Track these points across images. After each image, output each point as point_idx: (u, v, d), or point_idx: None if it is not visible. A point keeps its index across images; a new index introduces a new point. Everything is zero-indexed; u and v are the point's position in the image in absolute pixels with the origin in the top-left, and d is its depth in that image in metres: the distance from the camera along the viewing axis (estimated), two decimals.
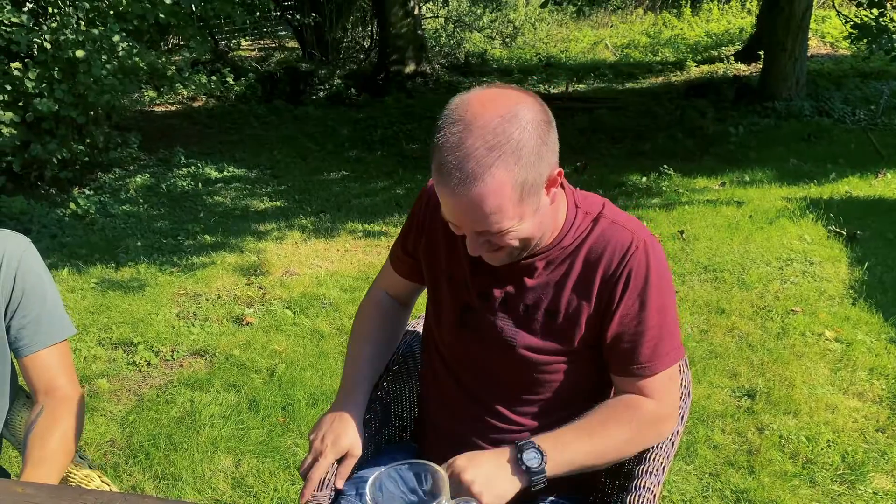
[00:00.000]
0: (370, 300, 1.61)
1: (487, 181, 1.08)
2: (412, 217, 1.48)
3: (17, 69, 5.47)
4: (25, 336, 1.49)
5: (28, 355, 1.50)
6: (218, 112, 9.61)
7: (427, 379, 1.54)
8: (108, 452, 2.67)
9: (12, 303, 1.47)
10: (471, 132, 1.08)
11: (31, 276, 1.50)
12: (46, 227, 5.31)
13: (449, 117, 1.11)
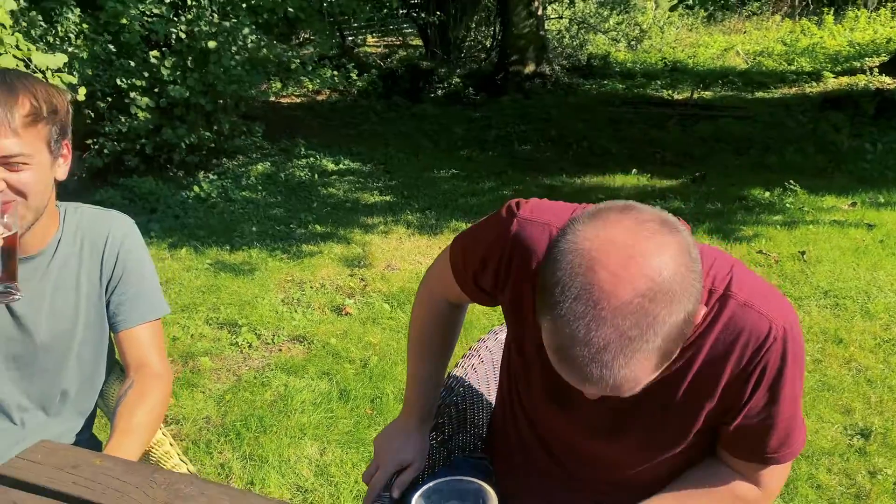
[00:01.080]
0: (430, 310, 1.47)
1: (626, 374, 0.88)
2: (489, 256, 1.21)
3: (155, 57, 5.82)
4: (122, 312, 1.56)
5: (123, 330, 1.56)
6: (340, 106, 9.88)
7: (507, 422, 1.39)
8: (203, 428, 2.78)
9: (113, 279, 1.55)
10: (603, 322, 0.85)
11: (132, 255, 1.57)
12: (171, 207, 5.62)
13: (569, 287, 0.87)
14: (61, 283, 1.49)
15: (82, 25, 5.17)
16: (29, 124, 1.30)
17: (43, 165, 1.34)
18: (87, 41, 5.22)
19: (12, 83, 1.31)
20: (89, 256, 1.52)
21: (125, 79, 5.70)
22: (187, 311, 3.76)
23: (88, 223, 1.54)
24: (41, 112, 1.32)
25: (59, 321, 1.50)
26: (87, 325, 1.54)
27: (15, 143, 1.28)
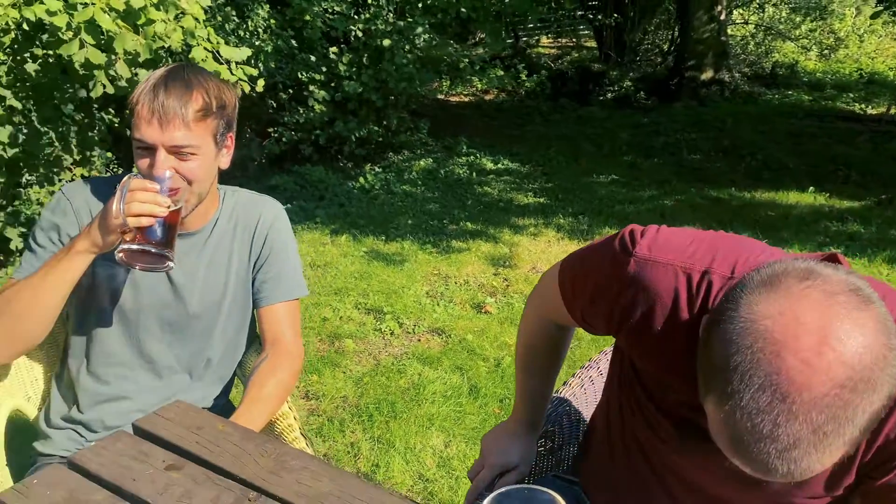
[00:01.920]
0: (537, 329, 1.41)
1: (815, 467, 0.78)
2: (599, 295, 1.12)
3: (333, 53, 6.16)
4: (265, 290, 1.68)
5: (264, 307, 1.69)
6: (506, 106, 9.95)
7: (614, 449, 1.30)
8: (339, 407, 2.93)
9: (260, 259, 1.68)
10: (794, 418, 0.75)
11: (279, 238, 1.69)
12: (337, 196, 5.93)
13: (751, 375, 0.77)
14: (215, 259, 1.63)
15: (270, 21, 5.58)
16: (199, 119, 1.43)
17: (208, 156, 1.48)
18: (272, 36, 5.62)
19: (189, 79, 1.44)
20: (241, 236, 1.66)
21: (305, 72, 6.08)
22: (339, 295, 3.96)
23: (243, 206, 1.68)
24: (211, 107, 1.45)
25: (209, 294, 1.64)
26: (234, 300, 1.68)
27: (186, 135, 1.41)
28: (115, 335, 1.60)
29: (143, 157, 1.44)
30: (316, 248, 4.73)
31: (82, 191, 1.56)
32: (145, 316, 1.60)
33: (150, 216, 1.33)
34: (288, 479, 1.15)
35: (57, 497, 1.11)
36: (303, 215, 5.43)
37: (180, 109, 1.40)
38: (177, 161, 1.43)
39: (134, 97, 1.42)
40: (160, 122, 1.40)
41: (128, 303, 1.57)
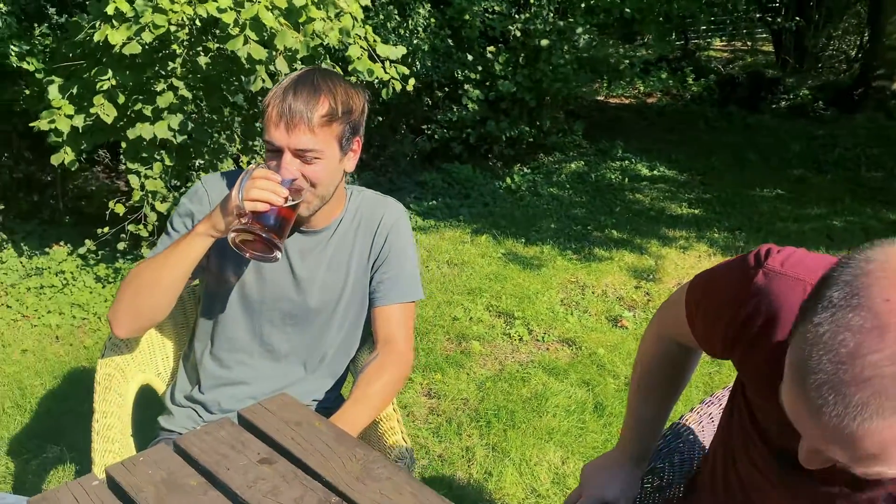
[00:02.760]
0: (658, 349, 1.35)
1: (885, 422, 0.69)
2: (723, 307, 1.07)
3: (491, 52, 6.17)
4: (381, 290, 1.70)
5: (379, 307, 1.70)
6: (669, 110, 9.56)
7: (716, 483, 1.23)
8: (459, 409, 2.92)
9: (379, 259, 1.69)
10: (880, 342, 0.68)
11: (399, 239, 1.70)
12: (483, 195, 5.94)
13: (847, 295, 0.71)
14: (336, 257, 1.67)
15: (430, 20, 5.67)
16: (324, 124, 1.46)
17: (332, 160, 1.51)
18: (430, 35, 5.70)
19: (317, 84, 1.48)
20: (363, 236, 1.69)
21: (461, 71, 6.13)
22: (472, 295, 3.96)
23: (367, 206, 1.71)
24: (336, 112, 1.48)
25: (328, 290, 1.68)
26: (351, 297, 1.71)
27: (310, 140, 1.45)
28: (238, 323, 1.67)
29: (271, 157, 1.49)
30: (455, 246, 4.76)
31: (219, 182, 1.65)
32: (268, 307, 1.66)
33: (266, 202, 1.38)
34: (371, 487, 1.14)
35: (157, 476, 1.17)
36: (447, 213, 5.48)
37: (306, 114, 1.44)
38: (301, 164, 1.48)
39: (267, 99, 1.48)
40: (287, 125, 1.44)
41: (252, 293, 1.64)
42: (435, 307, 3.80)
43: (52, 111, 3.50)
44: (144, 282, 1.52)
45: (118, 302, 1.53)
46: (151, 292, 1.51)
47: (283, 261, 1.63)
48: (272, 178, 1.40)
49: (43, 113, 3.54)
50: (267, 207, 1.39)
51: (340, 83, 1.52)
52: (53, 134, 3.56)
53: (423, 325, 3.57)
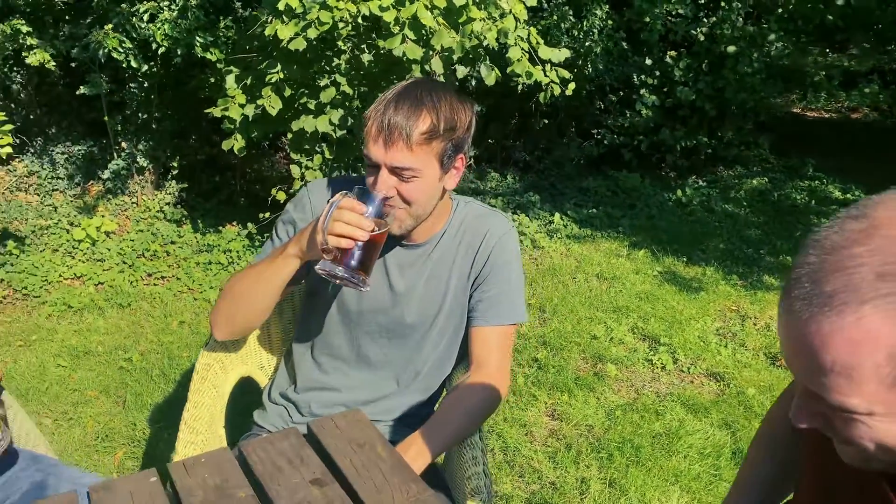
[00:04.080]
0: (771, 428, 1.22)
1: (846, 320, 0.65)
2: None
3: (671, 57, 5.83)
4: (479, 309, 1.61)
5: (476, 326, 1.61)
6: (876, 127, 8.60)
7: None
8: (582, 435, 2.76)
9: (480, 277, 1.60)
10: (867, 238, 0.66)
11: (502, 257, 1.60)
12: (648, 206, 5.64)
13: (854, 210, 0.70)
14: (436, 272, 1.60)
15: (607, 22, 5.45)
16: (423, 141, 1.38)
17: (431, 178, 1.43)
18: (604, 37, 5.48)
19: (421, 98, 1.39)
20: (465, 252, 1.60)
21: (637, 75, 5.85)
22: (617, 314, 3.75)
23: (472, 220, 1.61)
24: (438, 130, 1.39)
25: (426, 306, 1.61)
26: (449, 314, 1.63)
27: (407, 157, 1.38)
28: (337, 332, 1.64)
29: (370, 172, 1.44)
30: (609, 258, 4.55)
31: (324, 189, 1.61)
32: (365, 319, 1.61)
33: (350, 238, 1.31)
34: None
35: (210, 482, 1.16)
36: (606, 222, 5.26)
37: (405, 130, 1.36)
38: (398, 181, 1.41)
39: (368, 111, 1.42)
40: (385, 141, 1.38)
41: (351, 305, 1.60)
42: (574, 322, 3.64)
43: (227, 100, 3.72)
44: (240, 292, 1.52)
45: (217, 307, 1.55)
46: (247, 302, 1.51)
47: (381, 274, 1.58)
48: (357, 209, 1.33)
49: (219, 101, 3.77)
50: (351, 244, 1.32)
51: (446, 97, 1.43)
52: (227, 121, 3.78)
53: (557, 340, 3.42)
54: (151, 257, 4.36)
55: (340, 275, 1.34)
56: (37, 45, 3.96)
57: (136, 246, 4.40)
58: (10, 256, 4.05)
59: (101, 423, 2.77)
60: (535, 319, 3.69)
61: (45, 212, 4.54)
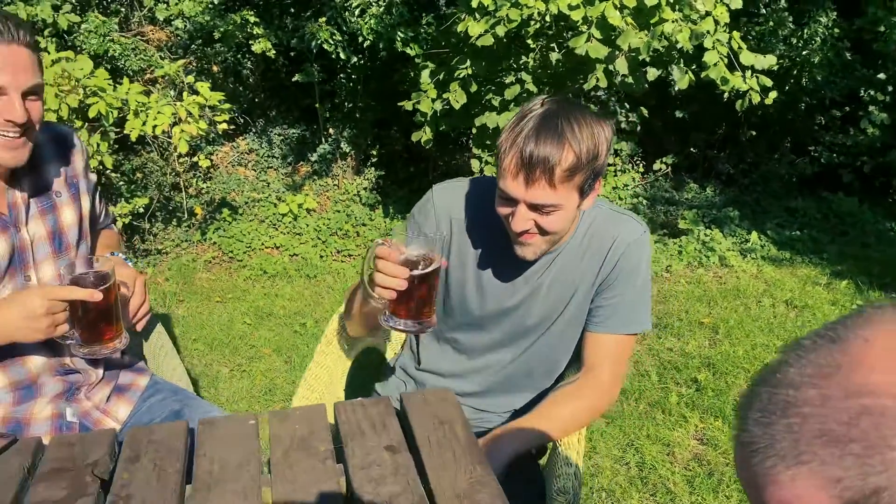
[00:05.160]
0: None
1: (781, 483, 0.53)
2: None
3: None
4: (599, 315, 1.55)
5: (592, 332, 1.56)
6: None
7: None
8: (728, 465, 2.58)
9: (605, 282, 1.53)
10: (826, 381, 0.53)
11: (629, 264, 1.52)
12: (864, 234, 5.10)
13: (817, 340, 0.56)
14: (560, 277, 1.55)
15: (833, 30, 4.98)
16: (566, 178, 1.31)
17: (570, 208, 1.37)
18: (826, 46, 5.01)
19: (562, 130, 1.30)
20: (592, 256, 1.53)
21: (866, 90, 5.30)
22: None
23: (601, 223, 1.53)
24: (581, 164, 1.31)
25: (548, 309, 1.57)
26: (570, 318, 1.58)
27: (550, 195, 1.31)
28: (463, 326, 1.64)
29: (503, 204, 1.38)
30: (804, 285, 4.17)
31: (449, 194, 1.58)
32: (488, 320, 1.61)
33: (391, 289, 1.27)
34: None
35: (298, 433, 1.25)
36: (809, 247, 4.82)
37: (547, 168, 1.29)
38: (536, 215, 1.36)
39: (503, 141, 1.34)
40: (526, 179, 1.31)
41: (474, 305, 1.59)
42: (748, 348, 3.39)
43: (419, 93, 3.90)
44: (359, 298, 1.54)
45: (345, 306, 1.63)
46: (368, 308, 1.51)
47: (507, 278, 1.56)
48: (391, 256, 1.26)
49: (412, 94, 3.97)
50: (392, 294, 1.27)
51: (586, 123, 1.32)
52: (419, 114, 3.97)
53: (723, 364, 3.21)
54: (343, 236, 4.68)
55: (398, 328, 1.31)
56: (262, 34, 4.40)
57: (332, 224, 4.74)
58: (223, 223, 4.55)
59: (268, 378, 3.04)
60: (705, 339, 3.49)
61: (259, 186, 5.03)
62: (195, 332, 3.39)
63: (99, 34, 4.17)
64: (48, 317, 1.28)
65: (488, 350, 1.65)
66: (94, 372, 1.58)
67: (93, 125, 3.58)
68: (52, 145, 1.54)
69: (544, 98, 1.37)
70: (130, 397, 1.64)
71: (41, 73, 1.36)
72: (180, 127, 3.59)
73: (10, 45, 1.28)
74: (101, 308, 1.30)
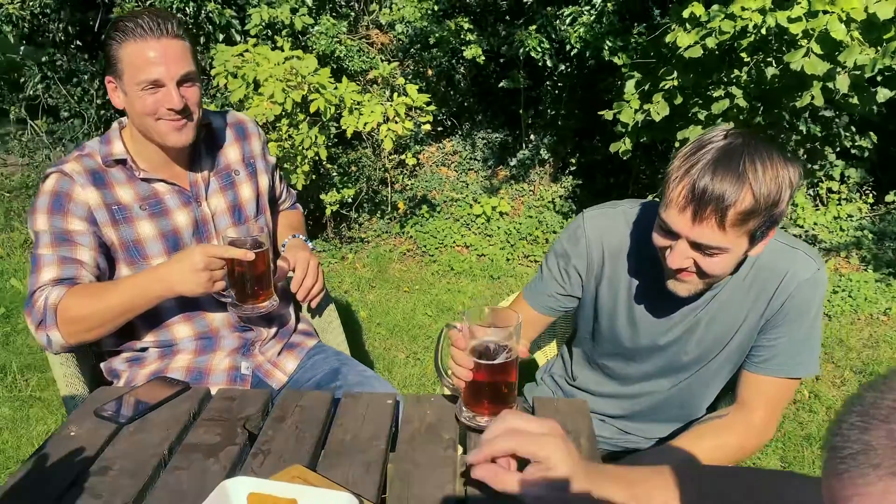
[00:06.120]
0: None
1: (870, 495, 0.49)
2: None
3: None
4: (761, 355, 1.45)
5: (752, 372, 1.46)
6: None
7: None
8: None
9: (771, 321, 1.41)
10: None
11: (799, 304, 1.39)
12: None
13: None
14: (721, 314, 1.44)
15: None
16: (739, 222, 1.19)
17: (736, 254, 1.25)
18: None
19: (743, 168, 1.18)
20: (758, 292, 1.41)
21: None
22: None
23: (770, 255, 1.39)
24: (759, 209, 1.19)
25: (705, 348, 1.49)
26: (728, 356, 1.49)
27: (717, 237, 1.20)
28: (613, 355, 1.60)
29: (663, 236, 1.29)
30: None
31: (601, 219, 1.51)
32: (639, 353, 1.55)
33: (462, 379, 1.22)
34: None
35: (428, 418, 1.31)
36: None
37: (720, 208, 1.18)
38: (697, 254, 1.25)
39: (674, 169, 1.23)
40: (694, 215, 1.20)
41: (625, 338, 1.54)
42: None
43: (621, 104, 3.84)
44: None
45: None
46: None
47: (661, 313, 1.48)
48: (460, 343, 1.20)
49: (614, 104, 3.91)
50: (461, 384, 1.22)
51: (772, 164, 1.19)
52: (619, 124, 3.91)
53: None
54: (532, 241, 4.72)
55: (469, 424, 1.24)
56: (474, 40, 4.56)
57: (522, 229, 4.80)
58: (421, 218, 4.78)
59: None
60: None
61: (458, 186, 5.22)
62: (380, 318, 3.60)
63: (329, 36, 4.55)
64: (206, 272, 1.43)
65: (641, 379, 1.59)
66: (267, 330, 1.76)
67: (314, 119, 3.92)
68: (230, 130, 1.75)
69: (729, 129, 1.24)
70: (298, 353, 1.81)
71: (193, 60, 1.54)
72: (387, 126, 3.82)
73: (161, 40, 1.47)
74: (254, 271, 1.46)
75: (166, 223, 1.62)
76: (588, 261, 1.50)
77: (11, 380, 2.96)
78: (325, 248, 4.48)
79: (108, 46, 1.50)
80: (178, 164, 1.64)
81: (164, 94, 1.49)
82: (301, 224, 1.98)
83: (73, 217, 1.54)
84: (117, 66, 1.50)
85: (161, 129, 1.53)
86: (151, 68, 1.47)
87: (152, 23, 1.46)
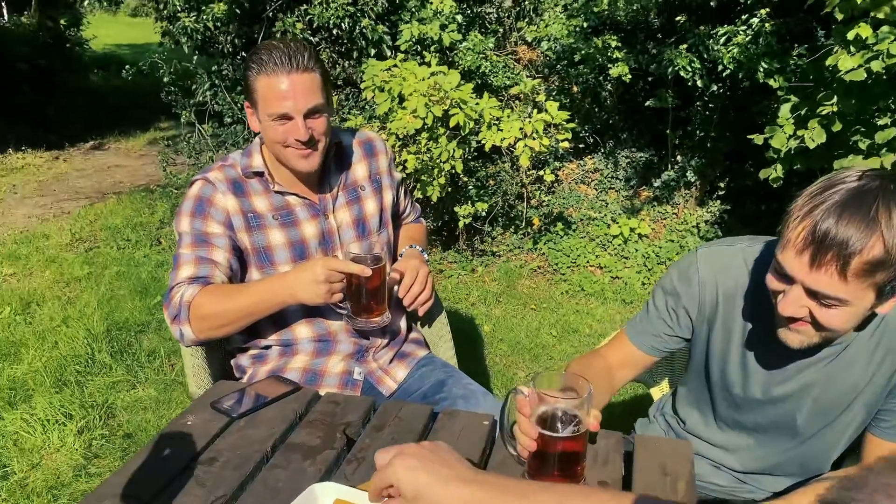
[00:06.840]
0: None
1: None
2: None
3: None
4: (887, 420, 1.35)
5: (876, 436, 1.36)
6: None
7: None
8: None
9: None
10: None
11: None
12: None
13: None
14: (841, 375, 1.33)
15: None
16: (863, 273, 1.08)
17: (860, 309, 1.14)
18: None
19: (876, 215, 1.06)
20: (886, 352, 1.29)
21: None
22: None
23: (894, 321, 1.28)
24: (889, 260, 1.07)
25: (823, 411, 1.38)
26: (851, 420, 1.38)
27: (838, 287, 1.10)
28: (724, 402, 1.51)
29: (777, 279, 1.19)
30: None
31: (716, 258, 1.41)
32: (751, 403, 1.46)
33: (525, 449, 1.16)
34: None
35: None
36: None
37: (842, 254, 1.06)
38: (814, 303, 1.15)
39: (796, 207, 1.13)
40: (813, 259, 1.09)
41: (736, 386, 1.45)
42: None
43: (773, 128, 3.64)
44: None
45: None
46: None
47: (774, 365, 1.38)
48: (525, 410, 1.14)
49: (766, 128, 3.71)
50: (525, 453, 1.17)
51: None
52: (771, 150, 3.70)
53: None
54: None
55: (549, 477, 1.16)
56: (621, 58, 4.47)
57: (662, 253, 4.65)
58: (555, 235, 4.74)
59: None
60: None
61: (597, 205, 5.13)
62: (503, 333, 3.61)
63: (476, 52, 4.63)
64: (326, 284, 1.51)
65: (754, 431, 1.49)
66: (381, 338, 1.82)
67: (453, 133, 3.99)
68: (359, 147, 1.83)
69: (865, 170, 1.12)
70: (409, 363, 1.86)
71: (322, 92, 1.61)
72: (524, 142, 3.83)
73: (291, 75, 1.55)
74: (370, 285, 1.52)
75: (295, 233, 1.72)
76: (700, 303, 1.42)
77: (159, 364, 3.22)
78: (457, 259, 4.54)
79: (246, 76, 1.62)
80: (308, 181, 1.74)
81: (292, 126, 1.59)
82: (422, 236, 2.03)
83: (213, 221, 1.67)
84: (253, 96, 1.62)
85: (289, 156, 1.64)
86: (281, 102, 1.57)
87: (284, 57, 1.55)
